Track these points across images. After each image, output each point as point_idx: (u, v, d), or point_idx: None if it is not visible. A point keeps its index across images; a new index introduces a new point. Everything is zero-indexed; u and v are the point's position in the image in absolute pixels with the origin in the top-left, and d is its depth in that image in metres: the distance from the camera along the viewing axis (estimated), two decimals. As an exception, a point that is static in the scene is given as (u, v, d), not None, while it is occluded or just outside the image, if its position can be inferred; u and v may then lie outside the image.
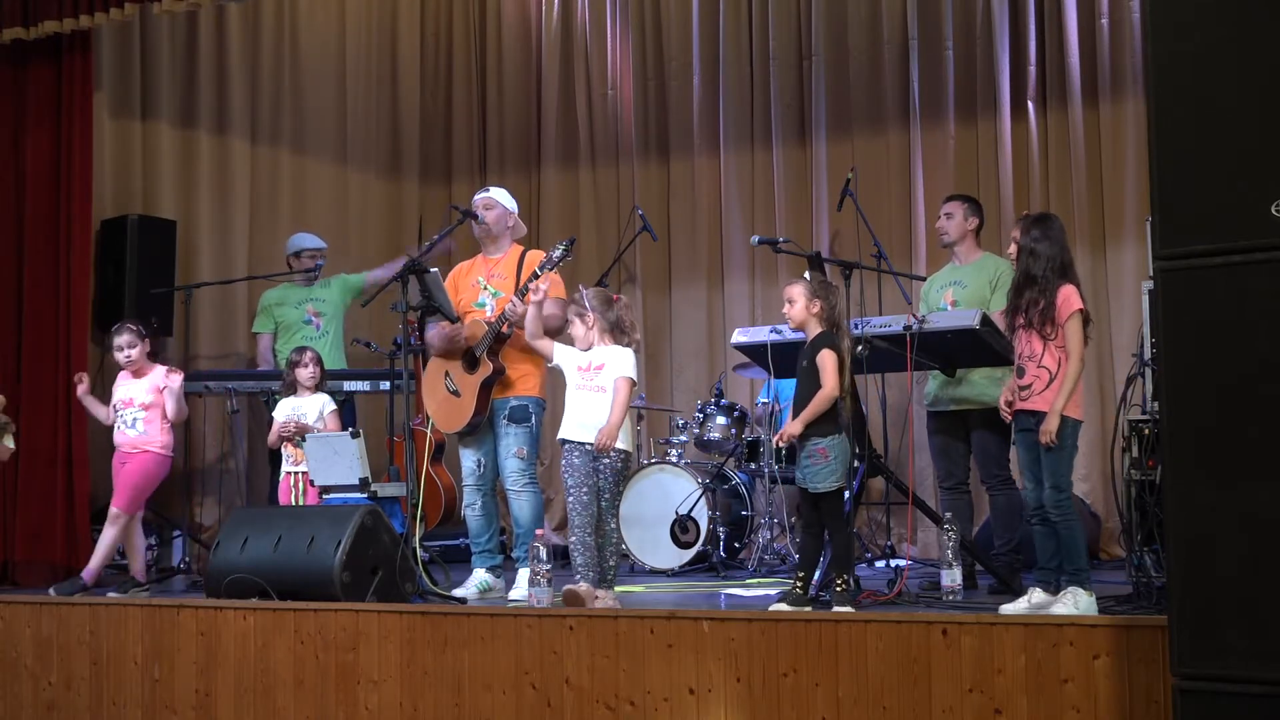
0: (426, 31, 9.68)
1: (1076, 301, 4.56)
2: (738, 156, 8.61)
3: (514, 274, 5.93)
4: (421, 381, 6.12)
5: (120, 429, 6.26)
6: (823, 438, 4.91)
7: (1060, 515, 4.56)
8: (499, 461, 5.90)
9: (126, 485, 6.21)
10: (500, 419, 5.85)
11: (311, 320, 7.58)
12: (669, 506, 7.00)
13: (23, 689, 5.76)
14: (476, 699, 4.89)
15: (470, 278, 6.06)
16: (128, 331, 6.28)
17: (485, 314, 5.90)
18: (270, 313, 7.65)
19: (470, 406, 5.79)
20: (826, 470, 4.89)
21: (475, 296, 5.99)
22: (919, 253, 7.92)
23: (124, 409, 6.26)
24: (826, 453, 4.89)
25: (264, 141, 8.53)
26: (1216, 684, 3.30)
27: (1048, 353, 4.57)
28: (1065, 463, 4.58)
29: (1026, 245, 4.63)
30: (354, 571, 5.32)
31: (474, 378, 5.79)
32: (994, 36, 7.86)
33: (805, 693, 4.39)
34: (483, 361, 5.76)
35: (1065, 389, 4.51)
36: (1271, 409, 3.24)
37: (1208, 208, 3.35)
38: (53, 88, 6.96)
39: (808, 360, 4.98)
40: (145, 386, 6.25)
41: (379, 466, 6.49)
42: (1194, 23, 3.39)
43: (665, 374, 8.70)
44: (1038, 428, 4.55)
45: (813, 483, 4.91)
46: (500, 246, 6.06)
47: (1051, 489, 4.57)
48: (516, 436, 5.83)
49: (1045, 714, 4.08)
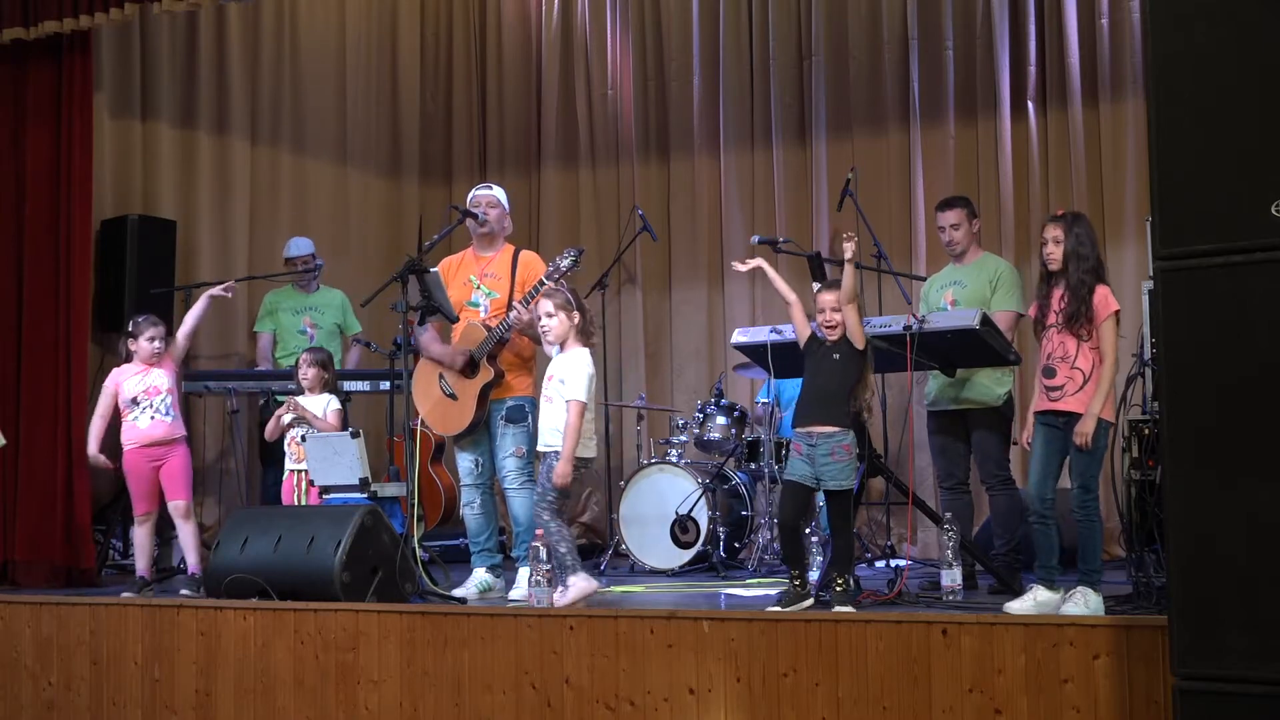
0: (426, 31, 9.68)
1: (1114, 302, 4.58)
2: (738, 156, 8.62)
3: (508, 274, 5.93)
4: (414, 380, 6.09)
5: (154, 419, 6.14)
6: (845, 436, 4.89)
7: (1084, 515, 4.58)
8: (497, 461, 5.90)
9: (178, 476, 6.13)
10: (497, 419, 5.85)
11: (306, 331, 7.59)
12: (669, 506, 7.00)
13: (23, 689, 5.76)
14: (476, 699, 4.89)
15: (461, 275, 6.04)
16: (156, 323, 6.27)
17: (479, 314, 5.90)
18: (271, 315, 7.66)
19: (470, 411, 5.79)
20: (849, 468, 4.88)
21: (468, 295, 5.98)
22: (919, 253, 7.92)
23: (150, 398, 6.16)
24: (850, 449, 4.88)
25: (264, 141, 8.53)
26: (1216, 684, 3.29)
27: (1081, 354, 4.56)
28: (1096, 464, 4.58)
29: (1073, 247, 4.60)
30: (354, 571, 5.32)
31: (474, 382, 5.78)
32: (994, 36, 7.86)
33: (805, 693, 4.39)
34: (483, 366, 5.76)
35: (1102, 391, 4.52)
36: (1271, 409, 3.24)
37: (1208, 208, 3.35)
38: (53, 88, 6.95)
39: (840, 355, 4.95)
40: (161, 373, 6.20)
41: (379, 466, 6.49)
42: (1194, 22, 3.39)
43: (665, 374, 8.70)
44: (1065, 427, 4.56)
45: (834, 480, 4.87)
46: (494, 245, 6.05)
47: (1080, 489, 4.58)
48: (514, 436, 5.83)
49: (1045, 714, 4.08)
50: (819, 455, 4.88)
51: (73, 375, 6.77)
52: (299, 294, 7.71)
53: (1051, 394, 4.62)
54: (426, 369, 5.98)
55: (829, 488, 4.90)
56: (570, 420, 5.14)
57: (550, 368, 5.31)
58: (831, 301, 4.95)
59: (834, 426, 4.88)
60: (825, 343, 4.98)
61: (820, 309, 4.99)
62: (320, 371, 6.32)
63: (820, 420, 4.91)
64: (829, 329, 4.96)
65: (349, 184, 9.07)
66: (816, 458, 4.88)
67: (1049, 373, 4.64)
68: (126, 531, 7.43)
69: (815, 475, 4.90)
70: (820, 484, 4.90)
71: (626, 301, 8.85)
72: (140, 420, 6.17)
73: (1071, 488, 4.63)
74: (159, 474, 6.16)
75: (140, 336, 6.22)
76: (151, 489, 6.17)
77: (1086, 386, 4.55)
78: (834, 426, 4.88)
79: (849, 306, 4.90)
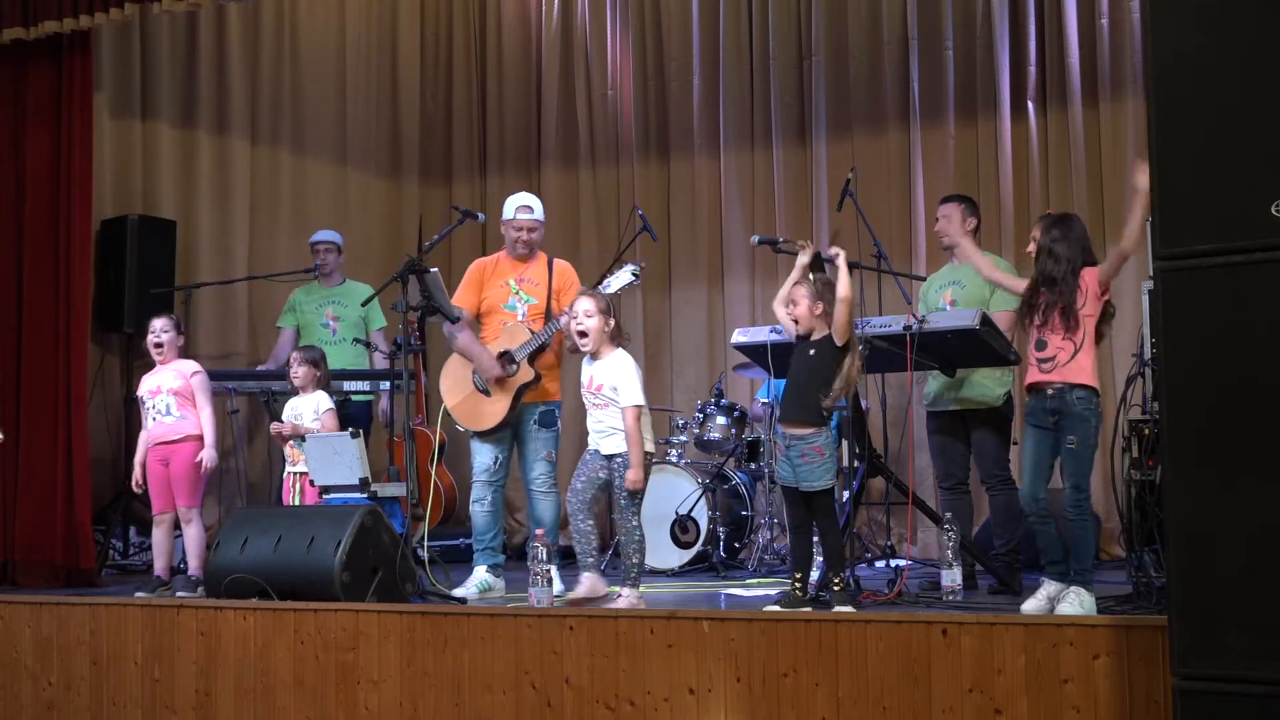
0: (426, 31, 9.68)
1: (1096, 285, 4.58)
2: (738, 156, 8.61)
3: (545, 280, 6.03)
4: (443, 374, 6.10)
5: (155, 419, 6.13)
6: (817, 436, 4.88)
7: (1077, 514, 4.58)
8: (526, 464, 5.95)
9: (181, 480, 6.09)
10: (529, 423, 5.92)
11: (329, 324, 7.60)
12: (669, 506, 7.01)
13: (23, 689, 5.76)
14: (476, 699, 4.89)
15: (498, 277, 6.09)
16: (167, 318, 6.27)
17: (516, 317, 5.97)
18: (293, 310, 7.67)
19: (505, 407, 5.86)
20: (821, 468, 4.87)
21: (504, 298, 6.04)
22: (919, 253, 7.92)
23: (152, 398, 6.17)
24: (822, 450, 4.86)
25: (264, 141, 8.53)
26: (1216, 684, 3.29)
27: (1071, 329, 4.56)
28: (1087, 462, 4.59)
29: (1045, 246, 4.62)
30: (354, 571, 5.32)
31: (512, 380, 5.85)
32: (994, 36, 7.86)
33: (805, 693, 4.39)
34: (523, 367, 5.83)
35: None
36: (1271, 409, 3.24)
37: (1208, 208, 3.35)
38: (53, 88, 6.96)
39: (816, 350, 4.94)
40: (171, 373, 6.19)
41: (379, 466, 6.49)
42: (1194, 23, 3.39)
43: (665, 374, 8.70)
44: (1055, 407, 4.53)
45: (807, 481, 4.87)
46: (531, 253, 6.11)
47: (1072, 488, 4.58)
48: (545, 441, 5.92)
49: (1045, 714, 4.08)
50: (794, 457, 4.89)
51: (73, 375, 6.77)
52: (321, 288, 7.71)
53: (1044, 365, 4.59)
54: (459, 363, 6.02)
55: (804, 489, 4.89)
56: (630, 425, 5.14)
57: (590, 371, 5.28)
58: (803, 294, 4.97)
59: (807, 427, 4.88)
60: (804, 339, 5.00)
61: (793, 300, 5.01)
62: (311, 370, 6.30)
63: (794, 419, 4.92)
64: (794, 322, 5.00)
65: (349, 184, 9.07)
66: (793, 459, 4.90)
67: (1040, 345, 4.62)
68: (126, 531, 7.44)
69: (795, 478, 4.91)
70: (799, 486, 4.91)
71: (626, 301, 8.80)
72: (147, 422, 6.19)
73: (1064, 487, 4.63)
74: (168, 474, 6.16)
75: (147, 335, 6.24)
76: (163, 488, 6.17)
77: (1078, 357, 4.53)
78: (807, 427, 4.88)
79: (842, 304, 4.88)
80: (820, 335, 4.96)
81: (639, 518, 5.24)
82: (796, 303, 5.02)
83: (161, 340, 6.21)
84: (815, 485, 4.87)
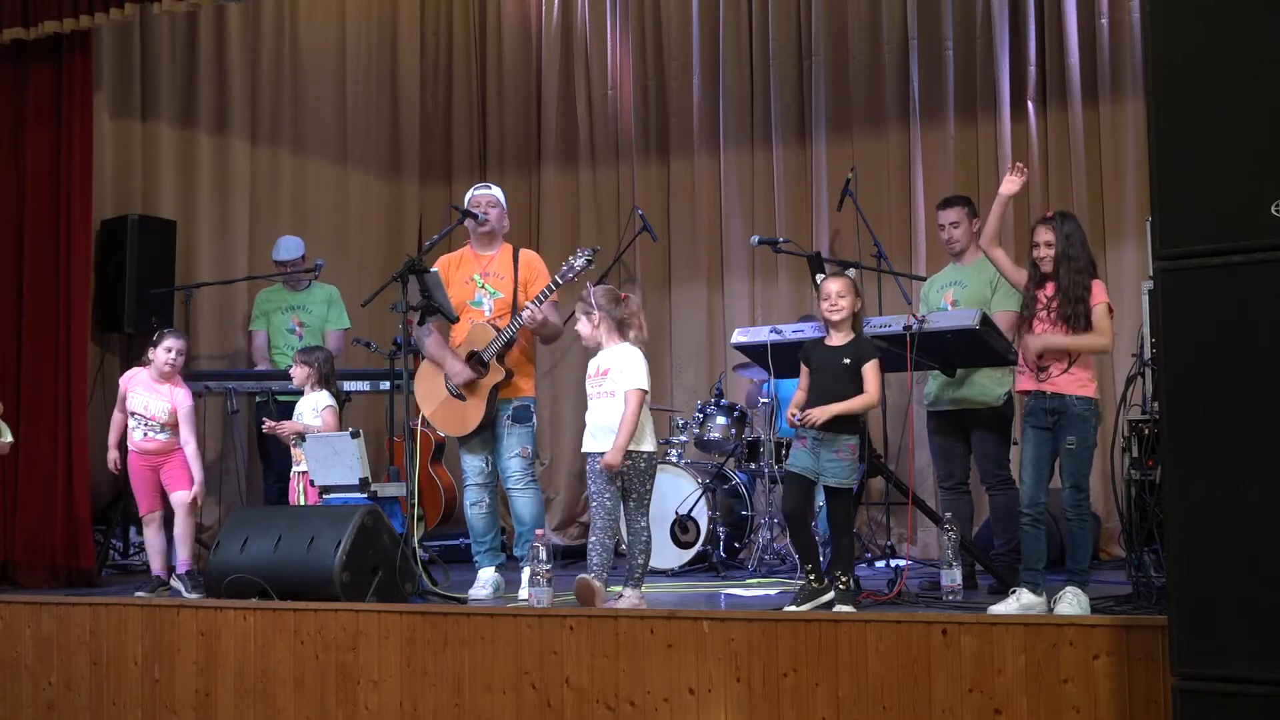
0: (426, 31, 9.68)
1: (1104, 294, 4.65)
2: (738, 156, 8.61)
3: (510, 273, 5.93)
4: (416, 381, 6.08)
5: (146, 435, 6.14)
6: (851, 436, 4.93)
7: (1076, 514, 4.61)
8: (501, 461, 5.91)
9: (178, 471, 6.13)
10: (503, 419, 5.86)
11: (295, 329, 7.58)
12: (669, 506, 7.00)
13: (23, 689, 5.76)
14: (476, 699, 4.89)
15: (462, 273, 6.03)
16: (179, 337, 6.26)
17: (483, 314, 5.90)
18: (263, 315, 7.67)
19: (480, 410, 5.80)
20: (849, 468, 4.92)
21: (471, 294, 5.98)
22: (919, 253, 7.92)
23: (145, 417, 6.16)
24: (855, 449, 4.92)
25: (264, 141, 8.52)
26: (1216, 684, 3.30)
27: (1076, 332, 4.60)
28: (1086, 462, 4.62)
29: (1063, 249, 4.65)
30: (354, 571, 5.32)
31: (484, 382, 5.80)
32: (994, 36, 7.86)
33: (805, 693, 4.39)
34: (493, 366, 5.78)
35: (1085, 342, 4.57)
36: (1271, 409, 3.24)
37: (1208, 208, 3.36)
38: (53, 88, 6.95)
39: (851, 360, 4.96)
40: (166, 407, 6.15)
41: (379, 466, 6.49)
42: (1194, 23, 3.40)
43: (665, 374, 8.69)
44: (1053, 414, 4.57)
45: (835, 477, 4.90)
46: (493, 244, 6.06)
47: (1071, 489, 4.61)
48: (520, 436, 5.85)
49: (1045, 714, 4.08)
50: (823, 451, 4.91)
51: (73, 375, 6.77)
52: (288, 293, 7.69)
53: (1040, 375, 4.64)
54: (431, 370, 5.97)
55: (828, 484, 4.92)
56: (630, 408, 5.06)
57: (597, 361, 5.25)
58: (838, 289, 4.99)
59: (841, 426, 4.91)
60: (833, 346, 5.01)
61: (825, 296, 5.02)
62: (305, 370, 6.32)
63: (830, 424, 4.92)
64: (834, 313, 4.98)
65: (349, 184, 9.06)
66: (821, 452, 4.91)
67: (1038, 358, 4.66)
68: (126, 531, 7.43)
69: (816, 469, 4.92)
70: (820, 478, 4.92)
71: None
72: (136, 433, 6.19)
73: (1063, 487, 4.64)
74: (159, 475, 6.18)
75: (159, 345, 6.21)
76: (152, 489, 6.19)
77: (1073, 369, 4.57)
78: (841, 426, 4.91)
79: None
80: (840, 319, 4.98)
81: (647, 518, 5.23)
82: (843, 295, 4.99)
83: (176, 362, 6.21)
84: (842, 482, 4.92)
